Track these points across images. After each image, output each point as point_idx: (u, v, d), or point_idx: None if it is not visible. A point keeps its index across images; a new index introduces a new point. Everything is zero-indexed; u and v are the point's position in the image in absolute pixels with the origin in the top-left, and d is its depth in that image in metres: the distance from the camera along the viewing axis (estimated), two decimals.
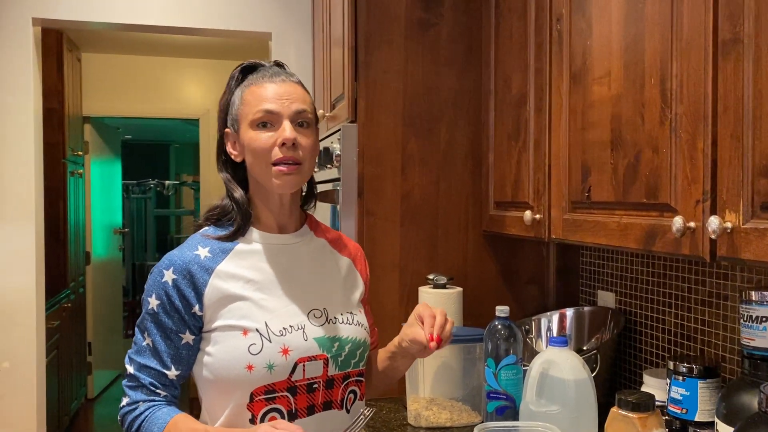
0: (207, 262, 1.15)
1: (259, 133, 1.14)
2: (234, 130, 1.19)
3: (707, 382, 1.29)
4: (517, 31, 1.70)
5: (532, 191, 1.62)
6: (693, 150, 1.05)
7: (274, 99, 1.14)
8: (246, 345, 1.10)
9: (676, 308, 1.60)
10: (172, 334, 1.13)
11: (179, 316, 1.13)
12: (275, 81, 1.16)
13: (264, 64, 1.22)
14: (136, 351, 1.15)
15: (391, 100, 1.91)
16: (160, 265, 1.16)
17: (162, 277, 1.14)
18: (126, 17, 2.73)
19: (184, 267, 1.13)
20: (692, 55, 1.05)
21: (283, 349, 1.11)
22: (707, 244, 1.01)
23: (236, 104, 1.18)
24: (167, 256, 1.16)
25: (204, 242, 1.18)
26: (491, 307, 1.69)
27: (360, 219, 1.89)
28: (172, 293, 1.13)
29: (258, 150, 1.13)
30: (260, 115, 1.13)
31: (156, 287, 1.14)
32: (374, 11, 1.90)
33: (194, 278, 1.13)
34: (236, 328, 1.12)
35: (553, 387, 1.37)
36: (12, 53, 2.64)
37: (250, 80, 1.18)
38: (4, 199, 2.65)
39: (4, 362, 2.66)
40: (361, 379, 1.23)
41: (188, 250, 1.16)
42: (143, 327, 1.15)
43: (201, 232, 1.20)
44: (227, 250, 1.17)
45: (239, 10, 2.83)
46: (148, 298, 1.14)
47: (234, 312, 1.13)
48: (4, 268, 2.66)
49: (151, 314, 1.14)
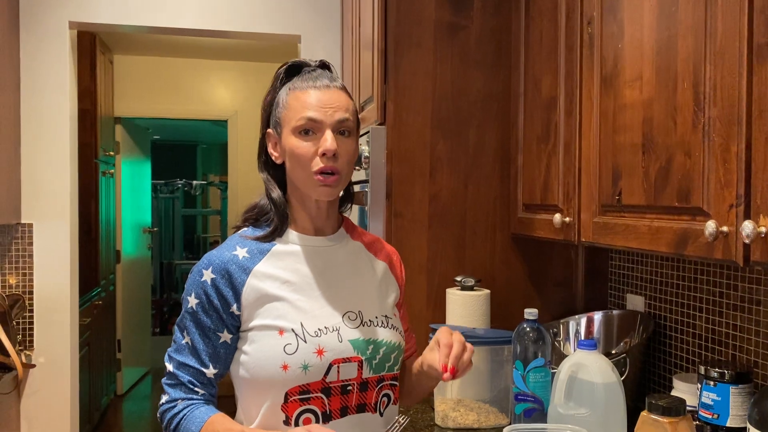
0: (245, 262, 1.16)
1: (301, 141, 1.14)
2: (276, 132, 1.20)
3: (739, 388, 1.28)
4: (547, 33, 1.70)
5: (561, 194, 1.62)
6: (726, 154, 1.04)
7: (318, 107, 1.14)
8: (282, 344, 1.11)
9: (707, 313, 1.59)
10: (211, 333, 1.15)
11: (217, 315, 1.15)
12: (319, 87, 1.16)
13: (309, 63, 1.22)
14: (176, 349, 1.17)
15: (419, 103, 1.92)
16: (199, 264, 1.18)
17: (201, 276, 1.16)
18: (157, 21, 2.78)
19: (222, 267, 1.15)
20: (726, 58, 1.04)
21: (318, 349, 1.12)
22: (740, 248, 1.00)
23: (280, 106, 1.18)
24: (206, 256, 1.18)
25: (242, 242, 1.19)
26: (519, 309, 1.70)
27: (388, 220, 1.91)
28: (210, 292, 1.14)
29: (299, 157, 1.14)
30: (303, 122, 1.14)
31: (195, 286, 1.16)
32: (404, 14, 1.91)
33: (232, 278, 1.15)
34: (272, 327, 1.13)
35: (581, 390, 1.37)
36: (50, 56, 2.70)
37: (295, 83, 1.18)
38: (40, 199, 2.72)
39: (39, 357, 2.73)
40: (395, 383, 1.23)
41: (227, 250, 1.18)
42: (183, 325, 1.17)
43: (240, 233, 1.22)
44: (265, 250, 1.18)
45: (269, 13, 2.86)
46: (188, 297, 1.16)
47: (270, 312, 1.14)
48: (41, 266, 2.73)
49: (191, 313, 1.16)
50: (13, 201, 2.64)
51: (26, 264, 2.72)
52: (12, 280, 2.71)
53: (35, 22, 2.68)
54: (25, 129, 2.70)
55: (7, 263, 2.71)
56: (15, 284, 2.72)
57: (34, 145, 2.71)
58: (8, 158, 2.57)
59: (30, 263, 2.73)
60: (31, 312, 2.73)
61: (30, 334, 2.74)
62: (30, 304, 2.73)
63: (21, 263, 2.72)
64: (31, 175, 2.71)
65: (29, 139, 2.71)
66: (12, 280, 2.71)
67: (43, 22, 2.69)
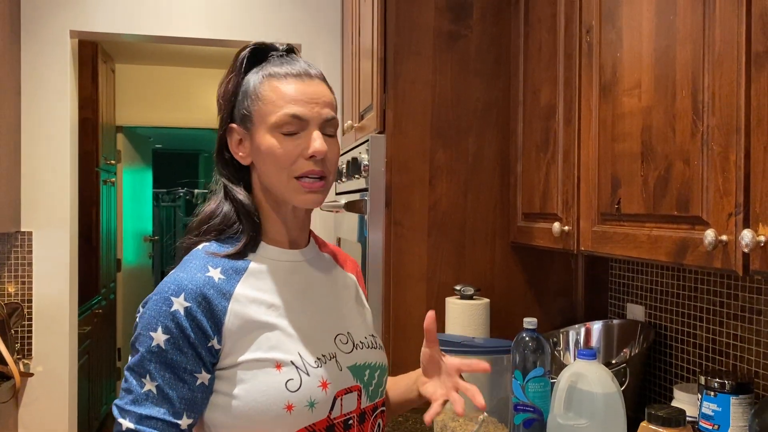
0: (223, 285, 0.96)
1: (283, 141, 0.98)
2: (244, 127, 1.02)
3: (740, 398, 1.27)
4: (546, 42, 1.70)
5: (560, 203, 1.62)
6: (725, 162, 1.04)
7: (303, 101, 0.98)
8: (282, 381, 0.94)
9: (707, 322, 1.58)
10: (186, 375, 0.92)
11: (194, 351, 0.92)
12: (301, 77, 1.00)
13: (277, 47, 1.05)
14: (133, 400, 0.91)
15: (419, 111, 1.92)
16: (164, 291, 0.94)
17: (170, 305, 0.93)
18: (159, 30, 2.79)
19: (198, 292, 0.94)
20: (724, 67, 1.04)
21: (323, 382, 0.96)
22: (740, 257, 1.00)
23: (250, 97, 1.01)
24: (172, 281, 0.96)
25: (213, 261, 0.99)
26: (518, 318, 1.69)
27: (387, 229, 1.90)
28: (185, 324, 0.92)
29: (279, 159, 0.98)
30: (286, 119, 0.97)
31: (163, 318, 0.92)
32: (403, 23, 1.91)
33: (211, 305, 0.94)
34: (267, 361, 0.94)
35: (581, 400, 1.36)
36: (51, 65, 2.71)
37: (268, 69, 1.01)
38: (40, 207, 2.72)
39: (37, 366, 2.72)
40: (384, 410, 1.11)
41: (198, 271, 0.97)
42: (143, 369, 0.92)
43: (204, 250, 1.01)
44: (240, 270, 1.00)
45: (270, 22, 2.87)
46: (150, 333, 0.92)
47: (261, 343, 0.95)
48: (40, 275, 2.73)
49: (156, 352, 0.92)
50: (13, 209, 2.64)
51: (25, 272, 2.72)
52: (11, 288, 2.71)
53: (36, 31, 2.69)
54: (25, 137, 2.71)
55: (6, 271, 2.71)
56: (14, 292, 2.71)
57: (35, 153, 2.71)
58: (8, 166, 2.57)
59: (29, 271, 2.72)
60: (30, 321, 2.72)
61: (28, 342, 2.73)
62: (29, 312, 2.72)
63: (20, 271, 2.72)
64: (31, 183, 2.72)
65: (29, 148, 2.71)
66: (11, 288, 2.71)
67: (44, 30, 2.70)
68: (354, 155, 2.05)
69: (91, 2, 2.73)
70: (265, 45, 1.06)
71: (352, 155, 2.11)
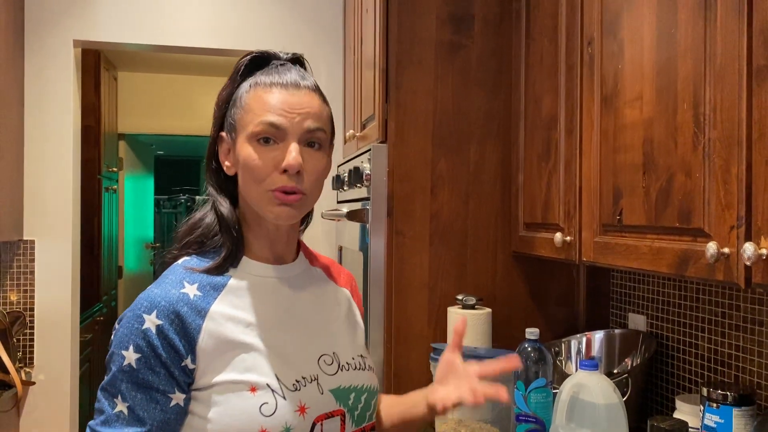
0: (198, 302, 0.92)
1: (258, 151, 0.93)
2: (230, 137, 0.98)
3: (742, 410, 1.27)
4: (547, 53, 1.71)
5: (562, 213, 1.62)
6: (727, 175, 1.04)
7: (282, 110, 0.93)
8: (257, 405, 0.89)
9: (709, 333, 1.58)
10: (159, 395, 0.89)
11: (166, 371, 0.89)
12: (286, 85, 0.95)
13: (279, 56, 1.02)
14: (103, 421, 0.89)
15: (421, 121, 1.93)
16: (136, 308, 0.91)
17: (142, 323, 0.89)
18: (162, 39, 2.80)
19: (170, 309, 0.90)
20: (726, 80, 1.04)
21: (300, 406, 0.92)
22: (742, 270, 1.00)
23: (237, 105, 0.97)
24: (146, 297, 0.92)
25: (190, 277, 0.95)
26: (520, 328, 1.69)
27: (389, 238, 1.91)
28: (156, 343, 0.88)
29: (253, 171, 0.93)
30: (261, 128, 0.93)
31: (134, 336, 0.89)
32: (405, 34, 1.92)
33: (185, 323, 0.90)
34: (241, 384, 0.90)
35: (583, 411, 1.36)
36: (54, 73, 2.72)
37: (257, 78, 0.97)
38: (42, 215, 2.73)
39: (39, 375, 2.72)
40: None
41: (173, 287, 0.93)
42: (114, 389, 0.89)
43: (182, 264, 0.98)
44: (219, 286, 0.95)
45: (272, 32, 2.88)
46: (122, 351, 0.89)
47: (236, 364, 0.91)
48: (42, 283, 2.73)
49: (128, 372, 0.88)
50: (16, 217, 2.64)
51: (27, 281, 2.72)
52: (13, 296, 2.71)
53: (40, 40, 2.70)
54: (28, 145, 2.71)
55: (9, 280, 2.71)
56: (16, 301, 2.72)
57: (37, 161, 2.72)
58: (11, 174, 2.58)
59: (31, 280, 2.73)
60: (32, 329, 2.73)
61: (30, 351, 2.73)
62: (31, 321, 2.72)
63: (22, 280, 2.72)
64: (34, 191, 2.72)
65: (32, 156, 2.72)
66: (13, 296, 2.71)
67: (47, 40, 2.71)
68: (356, 164, 2.06)
69: (95, 12, 2.74)
70: (267, 54, 1.02)
71: (354, 164, 2.12)
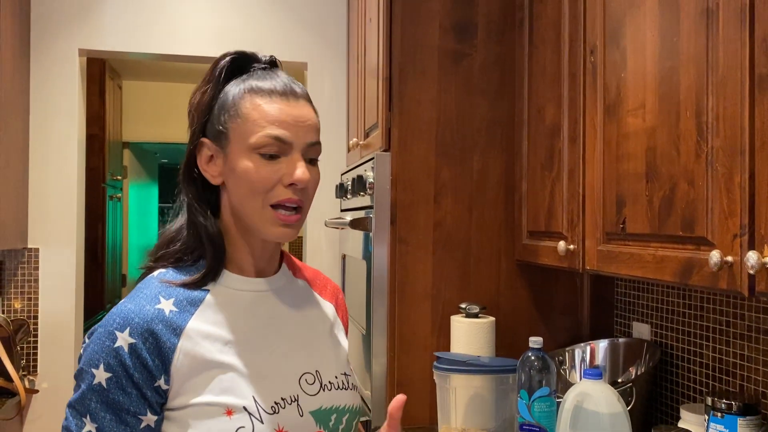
0: (174, 319, 0.88)
1: (260, 164, 0.90)
2: (218, 144, 0.93)
3: (747, 419, 1.26)
4: (550, 62, 1.72)
5: (566, 221, 1.62)
6: (730, 183, 1.04)
7: (287, 123, 0.90)
8: (232, 429, 0.86)
9: (714, 342, 1.57)
10: (129, 417, 0.85)
11: (138, 392, 0.85)
12: (287, 96, 0.92)
13: (260, 58, 0.99)
14: None
15: (424, 130, 1.93)
16: (108, 324, 0.87)
17: (114, 341, 0.85)
18: (166, 48, 2.82)
19: (144, 327, 0.86)
20: (728, 89, 1.04)
21: (278, 430, 0.88)
22: (745, 279, 1.00)
23: (229, 111, 0.92)
24: (118, 313, 0.88)
25: (166, 291, 0.91)
26: (524, 337, 1.68)
27: (392, 247, 1.91)
28: (128, 362, 0.84)
29: (255, 185, 0.90)
30: (265, 141, 0.89)
31: (105, 354, 0.85)
32: (408, 43, 1.93)
33: (159, 341, 0.86)
34: (217, 406, 0.86)
35: (587, 420, 1.35)
36: (59, 82, 2.74)
37: (251, 83, 0.93)
38: (47, 223, 2.73)
39: (43, 383, 2.72)
40: None
41: (147, 303, 0.89)
42: (83, 408, 0.85)
43: (158, 277, 0.93)
44: (196, 301, 0.91)
45: (276, 41, 2.89)
46: (92, 369, 0.85)
47: (213, 385, 0.87)
48: (46, 291, 2.73)
49: (98, 391, 0.85)
50: (20, 226, 2.65)
51: (31, 288, 2.73)
52: (17, 304, 2.71)
53: (45, 49, 2.72)
54: (33, 154, 2.73)
55: (13, 288, 2.72)
56: (20, 309, 2.72)
57: (42, 169, 2.73)
58: (16, 183, 2.59)
59: (35, 288, 2.73)
60: (36, 337, 2.73)
61: (34, 359, 2.73)
62: (35, 328, 2.73)
63: (26, 288, 2.73)
64: (39, 199, 2.73)
65: (37, 164, 2.73)
66: (17, 304, 2.71)
67: (53, 49, 2.73)
68: (359, 173, 2.06)
69: (100, 21, 2.76)
70: (247, 55, 0.98)
71: (357, 173, 2.12)
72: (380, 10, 1.98)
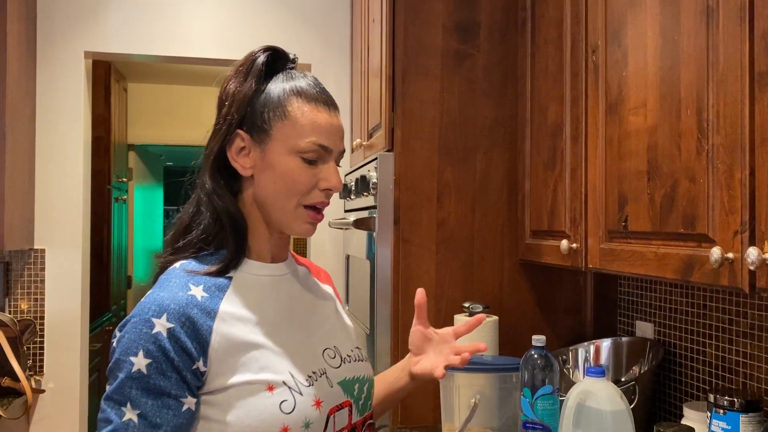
0: (206, 304, 0.92)
1: (302, 166, 0.96)
2: (255, 138, 0.97)
3: (749, 416, 1.26)
4: (553, 61, 1.72)
5: (568, 220, 1.62)
6: (730, 180, 1.05)
7: (330, 133, 0.98)
8: (276, 403, 0.90)
9: (716, 340, 1.57)
10: (171, 401, 0.87)
11: (178, 375, 0.87)
12: (329, 106, 0.99)
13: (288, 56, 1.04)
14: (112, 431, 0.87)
15: (427, 130, 1.94)
16: (143, 312, 0.89)
17: (152, 327, 0.87)
18: (171, 50, 2.83)
19: (180, 312, 0.89)
20: (728, 86, 1.05)
21: (316, 401, 0.93)
22: (746, 275, 1.00)
23: (273, 110, 0.96)
24: (152, 301, 0.90)
25: (194, 279, 0.94)
26: (527, 336, 1.69)
27: (396, 246, 1.91)
28: (167, 347, 0.86)
29: (297, 186, 0.96)
30: (314, 148, 0.96)
31: (144, 342, 0.87)
32: (411, 43, 1.94)
33: (196, 325, 0.89)
34: (258, 383, 0.90)
35: (590, 418, 1.36)
36: (65, 85, 2.76)
37: (298, 88, 0.98)
38: (53, 224, 2.75)
39: (49, 383, 2.73)
40: (372, 422, 1.09)
41: (179, 290, 0.91)
42: (123, 397, 0.87)
43: (182, 268, 0.96)
44: (223, 287, 0.95)
45: (280, 43, 2.86)
46: (130, 357, 0.86)
47: (250, 364, 0.91)
48: (52, 292, 2.75)
49: (137, 378, 0.86)
50: (27, 227, 2.67)
51: (38, 289, 2.75)
52: (24, 305, 2.73)
53: (51, 52, 2.74)
54: (39, 156, 2.74)
55: (19, 288, 2.74)
56: (26, 309, 2.74)
57: (48, 171, 2.75)
58: (22, 185, 2.61)
59: (42, 289, 2.75)
60: (42, 337, 2.75)
61: (40, 359, 2.75)
62: (41, 329, 2.75)
63: (33, 289, 2.74)
64: (45, 201, 2.75)
65: (43, 166, 2.75)
66: (24, 305, 2.73)
67: (58, 52, 2.75)
68: (363, 173, 2.07)
69: (106, 24, 2.78)
70: (280, 51, 1.03)
71: (360, 173, 2.13)
72: (383, 11, 2.00)
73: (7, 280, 2.73)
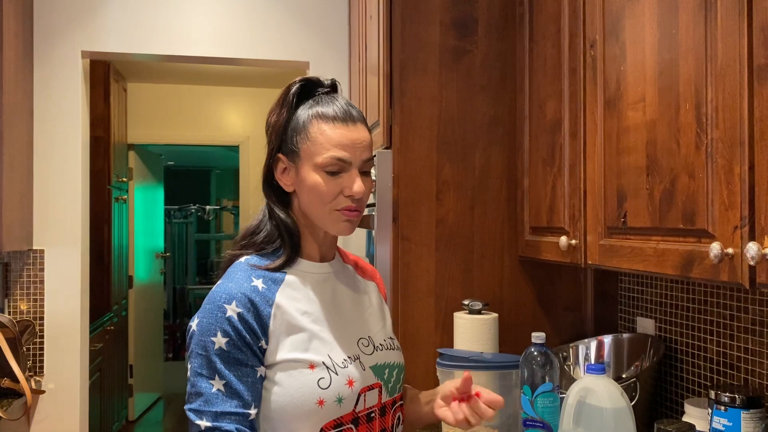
0: (266, 293, 1.11)
1: (325, 179, 1.11)
2: (291, 160, 1.14)
3: (750, 413, 1.26)
4: (551, 57, 1.71)
5: (567, 216, 1.62)
6: (730, 175, 1.04)
7: (347, 146, 1.11)
8: (315, 379, 1.08)
9: (718, 336, 1.56)
10: (248, 369, 1.07)
11: (250, 350, 1.07)
12: (346, 122, 1.12)
13: (323, 83, 1.17)
14: (205, 401, 1.04)
15: (425, 127, 1.93)
16: (217, 300, 1.08)
17: (224, 312, 1.06)
18: (170, 49, 2.82)
19: (246, 299, 1.08)
20: (727, 80, 1.04)
21: (349, 380, 1.11)
22: (746, 270, 0.99)
23: (300, 134, 1.13)
24: (222, 290, 1.09)
25: (255, 273, 1.13)
26: (527, 333, 1.68)
27: (395, 244, 1.91)
28: (239, 327, 1.06)
29: (322, 195, 1.11)
30: (332, 161, 1.10)
31: (220, 324, 1.06)
32: (409, 40, 1.93)
33: (258, 310, 1.08)
34: (302, 362, 1.09)
35: (590, 415, 1.35)
36: (63, 84, 2.75)
37: (319, 111, 1.13)
38: (52, 225, 2.75)
39: (49, 383, 2.73)
40: (402, 403, 1.25)
41: (244, 281, 1.11)
42: (211, 370, 1.05)
43: (246, 262, 1.15)
44: (278, 281, 1.14)
45: (279, 41, 2.90)
46: (212, 338, 1.05)
47: (297, 345, 1.10)
48: (52, 292, 2.75)
49: (219, 353, 1.05)
50: (26, 227, 2.67)
51: (37, 290, 2.74)
52: (23, 305, 2.73)
53: (48, 52, 2.74)
54: (37, 156, 2.74)
55: (19, 289, 2.73)
56: (26, 310, 2.74)
57: (47, 172, 2.75)
58: (21, 185, 2.60)
59: (41, 289, 2.75)
60: (42, 338, 2.74)
61: (40, 360, 2.75)
62: (41, 330, 2.74)
63: (32, 289, 2.74)
64: (44, 201, 2.75)
65: (41, 166, 2.74)
66: (23, 305, 2.73)
67: (56, 51, 2.74)
68: None
69: (103, 23, 2.77)
70: (312, 81, 1.16)
71: None
72: (381, 8, 1.99)
73: (6, 281, 2.73)
